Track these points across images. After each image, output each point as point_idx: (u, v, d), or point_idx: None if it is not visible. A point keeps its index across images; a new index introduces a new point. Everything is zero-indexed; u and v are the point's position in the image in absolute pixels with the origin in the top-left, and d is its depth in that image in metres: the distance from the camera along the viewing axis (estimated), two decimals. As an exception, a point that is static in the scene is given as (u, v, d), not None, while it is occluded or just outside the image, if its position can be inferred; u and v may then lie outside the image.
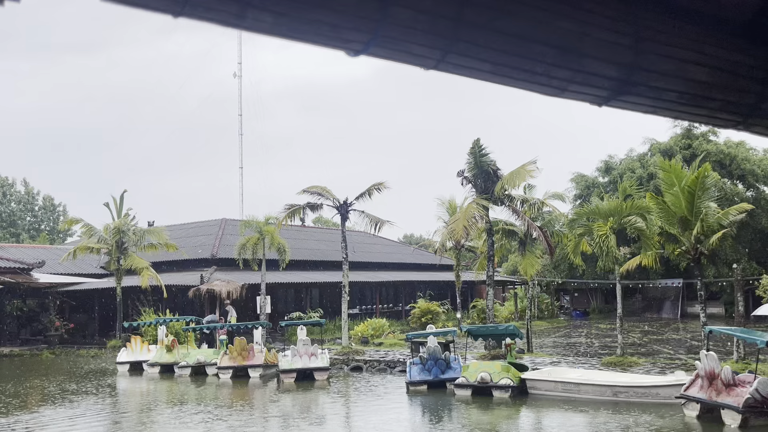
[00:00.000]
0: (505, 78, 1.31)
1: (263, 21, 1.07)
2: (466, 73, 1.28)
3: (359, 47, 1.17)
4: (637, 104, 1.45)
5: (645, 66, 1.35)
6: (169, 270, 31.69)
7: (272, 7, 1.05)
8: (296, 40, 1.14)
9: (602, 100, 1.41)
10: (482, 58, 1.24)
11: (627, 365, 17.37)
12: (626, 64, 1.34)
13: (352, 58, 1.21)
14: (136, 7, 1.01)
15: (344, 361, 21.13)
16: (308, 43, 1.16)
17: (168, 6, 1.01)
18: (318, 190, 23.61)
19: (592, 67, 1.32)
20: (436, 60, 1.23)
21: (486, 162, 20.99)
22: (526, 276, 24.27)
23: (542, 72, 1.29)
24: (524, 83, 1.33)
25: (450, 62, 1.23)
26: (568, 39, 1.27)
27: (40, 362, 25.61)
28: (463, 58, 1.23)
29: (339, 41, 1.15)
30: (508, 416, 14.00)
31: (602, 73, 1.34)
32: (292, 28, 1.10)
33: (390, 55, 1.20)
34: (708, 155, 33.75)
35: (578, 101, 1.41)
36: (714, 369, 12.19)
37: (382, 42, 1.16)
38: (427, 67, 1.26)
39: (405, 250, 47.61)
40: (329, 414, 14.98)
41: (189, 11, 1.03)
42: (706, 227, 19.24)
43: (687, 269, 33.84)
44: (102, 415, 15.01)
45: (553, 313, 39.77)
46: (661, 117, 1.56)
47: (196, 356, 20.88)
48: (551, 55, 1.27)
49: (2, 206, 55.87)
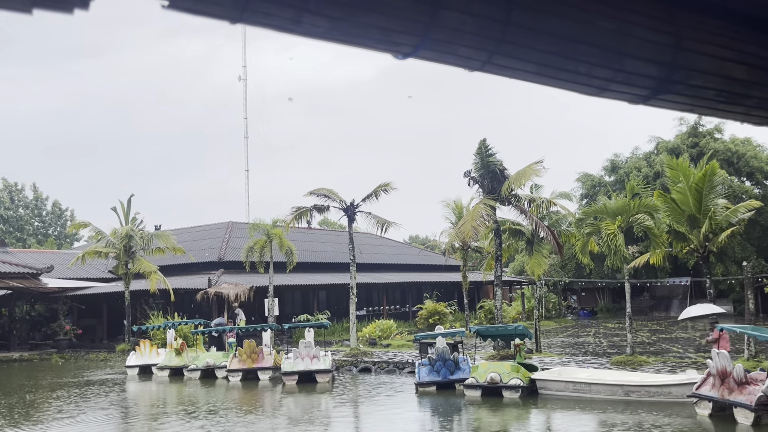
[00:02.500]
0: (548, 78, 1.33)
1: (318, 26, 1.09)
2: (510, 74, 1.30)
3: (408, 50, 1.19)
4: (676, 103, 1.46)
5: (684, 64, 1.37)
6: (176, 273, 31.79)
7: (327, 12, 1.07)
8: (348, 44, 1.16)
9: (641, 99, 1.42)
10: (527, 59, 1.26)
11: (637, 364, 17.32)
12: (666, 63, 1.35)
13: (400, 60, 1.23)
14: (197, 14, 1.03)
15: (353, 362, 21.15)
16: (359, 46, 1.18)
17: (228, 13, 1.03)
18: (324, 192, 23.65)
19: (633, 66, 1.34)
20: (482, 62, 1.25)
21: (493, 162, 20.99)
22: (533, 276, 24.24)
23: (585, 72, 1.31)
24: (566, 83, 1.35)
25: (496, 63, 1.25)
26: (610, 39, 1.28)
27: (50, 367, 25.72)
28: (508, 60, 1.25)
29: (389, 44, 1.17)
30: (520, 417, 13.98)
31: (643, 72, 1.35)
32: (345, 33, 1.12)
33: (437, 57, 1.22)
34: (715, 153, 33.66)
35: (617, 100, 1.43)
36: (726, 367, 12.15)
37: (430, 45, 1.18)
38: (472, 69, 1.28)
39: (411, 251, 47.61)
40: (339, 416, 14.99)
41: (247, 17, 1.05)
42: (715, 225, 19.19)
43: (695, 267, 33.74)
44: (113, 419, 15.07)
45: (560, 312, 39.71)
46: (698, 115, 1.58)
47: (205, 359, 20.93)
48: (594, 55, 1.29)
49: (10, 211, 56.17)
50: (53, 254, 38.20)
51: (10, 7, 0.90)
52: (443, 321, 29.59)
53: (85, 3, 0.93)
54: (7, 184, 57.44)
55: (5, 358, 27.43)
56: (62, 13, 0.93)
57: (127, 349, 26.00)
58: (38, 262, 31.86)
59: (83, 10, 0.94)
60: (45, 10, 0.92)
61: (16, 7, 0.90)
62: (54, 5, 0.91)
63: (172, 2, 1.00)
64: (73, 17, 0.95)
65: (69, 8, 0.92)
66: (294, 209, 24.04)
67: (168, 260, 31.15)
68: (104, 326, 32.55)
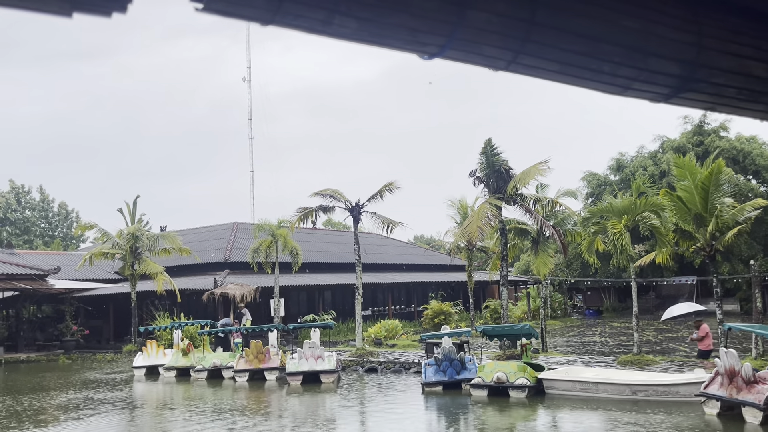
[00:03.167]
0: (571, 77, 1.34)
1: (347, 27, 1.11)
2: (534, 74, 1.31)
3: (435, 50, 1.20)
4: (697, 101, 1.47)
5: (707, 63, 1.37)
6: (182, 274, 31.88)
7: (357, 13, 1.09)
8: (375, 44, 1.18)
9: (663, 98, 1.43)
10: (551, 59, 1.27)
11: (644, 363, 17.27)
12: (689, 62, 1.36)
13: (426, 60, 1.24)
14: (230, 17, 1.05)
15: (359, 362, 21.16)
16: (386, 47, 1.19)
17: (260, 15, 1.05)
18: (330, 193, 23.67)
19: (656, 65, 1.35)
20: (507, 61, 1.26)
21: (498, 161, 20.98)
22: (539, 275, 24.21)
23: (608, 71, 1.32)
24: (590, 82, 1.36)
25: (520, 63, 1.26)
26: (634, 38, 1.29)
27: (57, 367, 25.82)
28: (533, 59, 1.26)
29: (416, 45, 1.18)
30: (527, 416, 13.97)
31: (665, 71, 1.36)
32: (374, 33, 1.14)
33: (463, 57, 1.23)
34: (721, 151, 33.55)
35: (640, 99, 1.44)
36: (734, 366, 12.11)
37: (457, 45, 1.19)
38: (497, 68, 1.29)
39: (416, 251, 47.61)
40: (346, 416, 15.01)
41: (279, 19, 1.06)
42: (721, 223, 19.12)
43: (701, 266, 33.63)
44: (124, 419, 15.14)
45: (566, 312, 39.64)
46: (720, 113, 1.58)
47: (212, 360, 20.98)
48: (618, 54, 1.30)
49: (17, 213, 56.42)
50: (60, 255, 38.37)
51: (50, 11, 0.92)
52: (449, 321, 29.58)
53: (123, 6, 0.95)
54: (14, 186, 57.71)
55: (12, 359, 27.56)
56: (100, 16, 0.95)
57: (134, 349, 26.09)
58: (45, 263, 32.01)
59: (121, 14, 0.96)
60: (84, 14, 0.94)
61: (56, 11, 0.92)
62: (93, 9, 0.93)
63: (207, 5, 1.02)
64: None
65: (107, 12, 0.94)
66: (299, 210, 24.07)
67: (174, 261, 31.24)
68: (111, 327, 32.67)
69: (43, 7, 0.92)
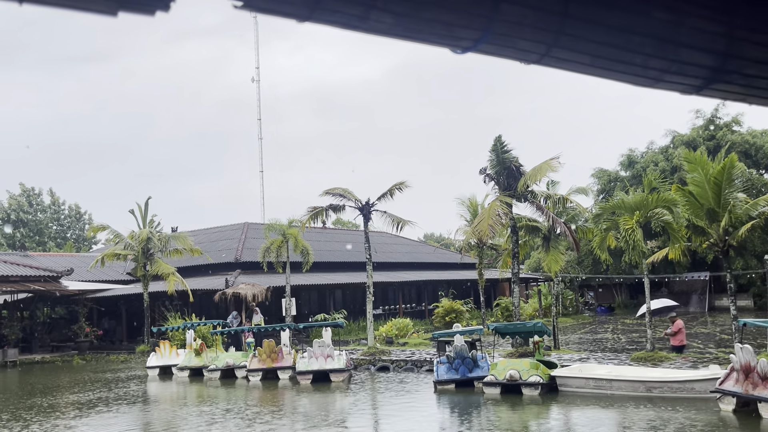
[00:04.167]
0: (603, 70, 1.34)
1: (383, 22, 1.11)
2: (566, 67, 1.31)
3: (468, 44, 1.20)
4: (729, 92, 1.46)
5: (738, 54, 1.37)
6: (193, 275, 32.05)
7: (393, 8, 1.09)
8: (409, 39, 1.18)
9: (695, 90, 1.43)
10: (584, 51, 1.27)
11: (658, 360, 17.18)
12: (720, 53, 1.36)
13: (458, 55, 1.25)
14: (268, 13, 1.06)
15: (371, 361, 21.19)
16: (421, 42, 1.20)
17: (299, 11, 1.06)
18: (340, 192, 23.71)
19: (687, 56, 1.34)
20: (540, 54, 1.26)
21: (508, 159, 20.92)
22: (550, 272, 24.12)
23: (640, 63, 1.32)
24: (621, 75, 1.36)
25: (553, 56, 1.26)
26: (665, 29, 1.29)
27: (71, 368, 26.05)
28: (566, 52, 1.26)
29: (451, 39, 1.19)
30: (540, 414, 13.93)
31: (697, 62, 1.36)
32: (409, 28, 1.14)
33: (496, 51, 1.24)
34: (733, 145, 33.27)
35: (671, 91, 1.43)
36: (750, 362, 12.01)
37: (491, 38, 1.19)
38: (529, 62, 1.29)
39: (426, 249, 47.59)
40: (359, 414, 15.03)
41: (317, 15, 1.07)
42: (734, 219, 18.97)
43: (714, 262, 33.38)
44: (140, 416, 15.26)
45: (577, 309, 39.47)
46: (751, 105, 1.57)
47: (225, 359, 21.08)
48: (649, 46, 1.30)
49: (29, 215, 56.92)
50: (72, 257, 38.68)
51: (97, 10, 0.93)
52: (460, 319, 29.55)
53: (167, 5, 0.96)
54: (24, 188, 58.23)
55: (27, 360, 27.83)
56: (144, 15, 0.96)
57: (147, 350, 26.27)
58: (58, 265, 32.28)
59: (164, 12, 0.97)
60: (129, 13, 0.95)
61: (102, 11, 0.93)
62: (138, 8, 0.94)
63: (246, 2, 1.03)
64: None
65: (151, 10, 0.95)
66: (310, 209, 24.13)
67: (185, 261, 31.42)
68: (123, 328, 32.91)
69: (89, 7, 0.93)
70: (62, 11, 0.95)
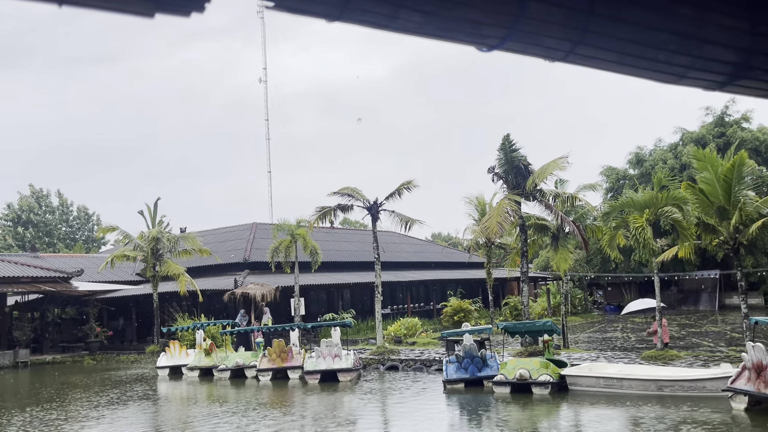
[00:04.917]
0: (628, 67, 1.34)
1: (412, 21, 1.12)
2: (591, 64, 1.32)
3: (495, 42, 1.21)
4: (752, 88, 1.46)
5: (762, 50, 1.37)
6: (202, 275, 32.17)
7: (423, 7, 1.10)
8: (438, 38, 1.19)
9: (718, 86, 1.43)
10: (609, 48, 1.28)
11: (668, 359, 17.11)
12: (744, 49, 1.36)
13: (484, 53, 1.26)
14: (299, 13, 1.07)
15: (380, 360, 21.21)
16: (449, 40, 1.21)
17: (329, 11, 1.07)
18: (348, 192, 23.73)
19: (711, 52, 1.35)
20: (566, 52, 1.27)
21: (517, 157, 20.88)
22: (559, 271, 24.06)
23: (665, 60, 1.33)
24: (646, 72, 1.37)
25: (578, 54, 1.27)
26: (690, 25, 1.29)
27: (82, 368, 26.23)
28: (591, 49, 1.27)
29: (478, 37, 1.20)
30: (551, 413, 13.90)
31: (721, 59, 1.36)
32: (437, 27, 1.15)
33: (522, 48, 1.25)
34: (743, 143, 33.05)
35: (695, 87, 1.44)
36: (762, 360, 11.94)
37: (517, 36, 1.20)
38: (554, 59, 1.30)
39: (434, 249, 47.54)
40: (370, 413, 15.05)
41: (347, 15, 1.08)
42: (745, 216, 18.84)
43: (724, 259, 33.18)
44: (150, 415, 15.35)
45: (586, 308, 39.35)
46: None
47: (234, 359, 21.15)
48: (673, 43, 1.30)
49: (39, 217, 57.32)
50: (82, 258, 38.93)
51: (134, 11, 0.95)
52: (468, 318, 29.51)
53: (201, 6, 0.97)
54: (33, 190, 58.64)
55: (38, 361, 28.04)
56: (180, 16, 0.98)
57: (157, 350, 26.40)
58: (68, 266, 32.49)
59: (199, 13, 0.98)
60: (166, 14, 0.97)
61: (139, 12, 0.95)
62: (174, 9, 0.96)
63: (278, 2, 1.04)
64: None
65: (187, 12, 0.97)
66: (318, 209, 24.16)
67: (194, 262, 31.54)
68: (133, 328, 33.08)
69: (126, 8, 0.95)
70: (98, 12, 0.97)
